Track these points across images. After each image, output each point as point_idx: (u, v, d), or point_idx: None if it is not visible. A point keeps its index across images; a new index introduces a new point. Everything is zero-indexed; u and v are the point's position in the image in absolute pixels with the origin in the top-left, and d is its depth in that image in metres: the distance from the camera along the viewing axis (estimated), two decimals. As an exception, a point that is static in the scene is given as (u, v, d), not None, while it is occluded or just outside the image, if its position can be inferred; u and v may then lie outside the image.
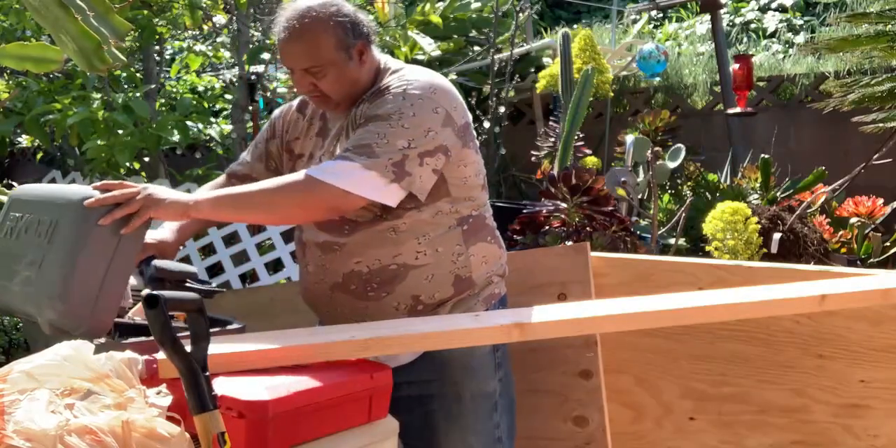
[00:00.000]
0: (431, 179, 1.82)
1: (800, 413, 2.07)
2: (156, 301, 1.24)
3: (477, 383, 1.90)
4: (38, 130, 5.16)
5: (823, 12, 7.35)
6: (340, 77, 1.86)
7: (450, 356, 1.84)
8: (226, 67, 7.22)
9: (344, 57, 1.85)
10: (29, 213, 1.69)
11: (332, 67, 1.85)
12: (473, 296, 1.92)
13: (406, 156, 1.76)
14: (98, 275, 1.58)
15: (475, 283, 1.92)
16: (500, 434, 1.93)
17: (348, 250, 1.88)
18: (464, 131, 1.87)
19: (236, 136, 5.35)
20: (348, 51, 1.86)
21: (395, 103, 1.80)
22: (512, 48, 6.12)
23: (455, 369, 1.88)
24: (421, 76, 1.87)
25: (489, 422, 1.91)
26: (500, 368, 1.95)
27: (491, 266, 1.96)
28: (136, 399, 1.24)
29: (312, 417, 1.42)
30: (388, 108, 1.79)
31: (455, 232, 1.89)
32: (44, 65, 1.60)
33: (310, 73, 1.85)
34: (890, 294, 1.74)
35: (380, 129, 1.77)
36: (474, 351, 1.87)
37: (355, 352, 1.53)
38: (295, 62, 1.86)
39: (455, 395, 1.89)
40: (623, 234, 3.60)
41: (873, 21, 4.26)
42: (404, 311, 1.87)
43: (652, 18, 8.38)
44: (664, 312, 1.66)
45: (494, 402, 1.93)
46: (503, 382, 1.95)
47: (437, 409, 1.87)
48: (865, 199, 4.23)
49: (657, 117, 5.14)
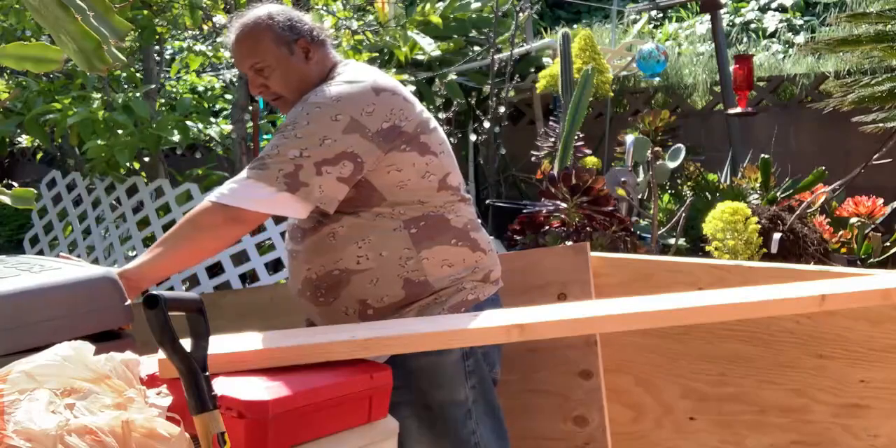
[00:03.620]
0: (338, 188, 1.78)
1: (800, 413, 2.07)
2: (156, 301, 1.24)
3: (445, 392, 1.86)
4: (38, 130, 5.16)
5: (823, 12, 7.36)
6: (287, 73, 1.93)
7: (416, 365, 1.80)
8: (226, 67, 7.22)
9: (286, 52, 1.93)
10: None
11: (277, 64, 1.93)
12: (439, 302, 1.86)
13: (299, 165, 1.75)
14: None
15: (433, 286, 1.86)
16: (478, 440, 1.89)
17: (302, 257, 1.92)
18: (386, 135, 1.81)
19: (236, 136, 5.35)
20: (289, 46, 1.94)
21: (293, 114, 1.84)
22: (512, 48, 6.12)
23: (421, 379, 1.84)
24: (340, 82, 1.86)
25: (464, 429, 1.87)
26: (473, 376, 1.89)
27: (457, 270, 1.88)
28: (136, 399, 1.24)
29: (312, 417, 1.42)
30: (287, 120, 1.84)
31: (400, 234, 1.84)
32: (44, 65, 1.60)
33: (257, 72, 1.94)
34: (890, 294, 1.74)
35: (275, 140, 1.80)
36: (441, 360, 1.83)
37: (355, 352, 1.53)
38: (241, 62, 1.96)
39: (423, 404, 1.85)
40: (623, 234, 3.61)
41: (873, 21, 4.27)
42: (354, 316, 1.87)
43: (652, 18, 8.38)
44: (664, 312, 1.66)
45: (468, 410, 1.88)
46: (477, 389, 1.90)
47: (408, 415, 1.82)
48: (865, 199, 4.23)
49: (657, 117, 5.14)
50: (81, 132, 4.72)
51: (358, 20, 6.46)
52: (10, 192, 1.95)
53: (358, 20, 6.46)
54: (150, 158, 5.36)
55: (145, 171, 5.48)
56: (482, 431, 1.91)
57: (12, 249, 6.32)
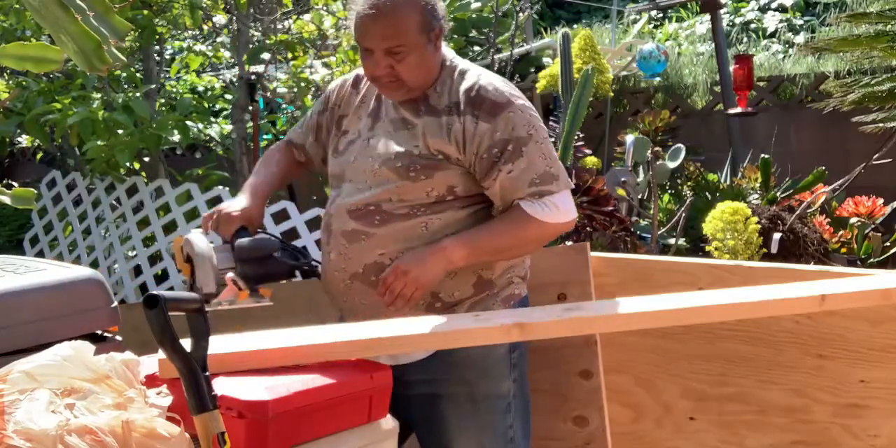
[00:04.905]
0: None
1: (800, 413, 2.07)
2: (155, 301, 1.24)
3: (491, 384, 1.89)
4: (38, 130, 5.16)
5: (823, 12, 7.35)
6: (420, 61, 1.80)
7: (465, 355, 1.82)
8: (226, 67, 7.22)
9: (424, 40, 1.80)
10: None
11: (414, 50, 1.78)
12: (492, 296, 1.91)
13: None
14: None
15: (495, 284, 1.91)
16: (513, 434, 1.92)
17: (375, 241, 1.85)
18: None
19: (236, 136, 5.35)
20: (429, 34, 1.81)
21: (521, 120, 1.83)
22: (512, 48, 6.12)
23: (469, 369, 1.87)
24: (501, 81, 1.89)
25: (502, 422, 1.91)
26: (516, 369, 1.94)
27: (514, 268, 1.95)
28: (136, 399, 1.24)
29: (312, 417, 1.43)
30: (525, 128, 1.83)
31: None
32: (44, 65, 1.59)
33: (391, 54, 1.77)
34: (890, 294, 1.74)
35: (539, 150, 1.84)
36: (490, 351, 1.86)
37: (356, 352, 1.53)
38: (378, 41, 1.77)
39: (468, 395, 1.87)
40: (623, 234, 3.61)
41: (873, 21, 4.27)
42: (421, 308, 1.85)
43: (652, 18, 8.37)
44: (664, 312, 1.66)
45: (508, 403, 1.92)
46: (518, 383, 1.94)
47: (449, 407, 1.86)
48: (865, 199, 4.23)
49: (657, 117, 5.14)
50: (81, 132, 4.72)
51: (358, 20, 6.44)
52: (10, 192, 1.94)
53: (358, 20, 6.44)
54: (150, 158, 5.36)
55: (145, 171, 5.47)
56: (517, 426, 1.94)
57: (12, 249, 6.31)
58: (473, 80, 1.85)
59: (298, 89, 5.35)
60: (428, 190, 1.83)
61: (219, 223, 1.88)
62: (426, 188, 1.83)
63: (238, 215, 1.87)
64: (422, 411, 1.88)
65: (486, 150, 1.81)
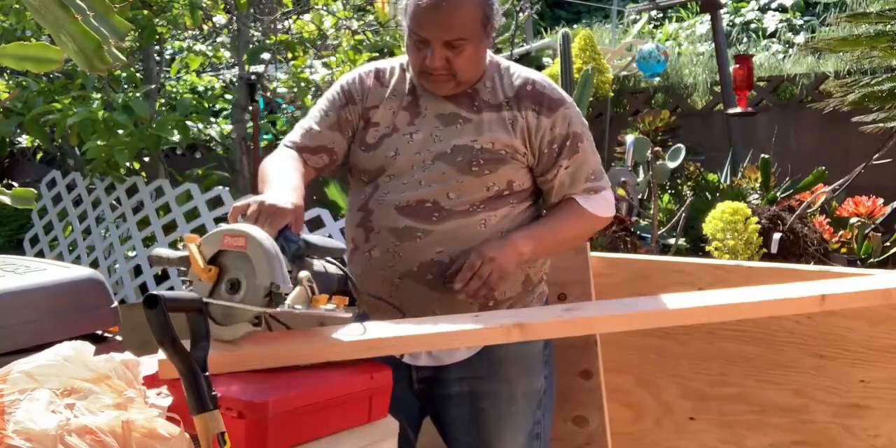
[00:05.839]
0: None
1: (800, 413, 2.07)
2: (155, 301, 1.24)
3: (528, 381, 1.90)
4: (38, 130, 5.16)
5: (823, 12, 7.36)
6: (475, 56, 1.77)
7: (506, 353, 1.82)
8: (226, 67, 7.22)
9: (482, 34, 1.76)
10: None
11: (472, 43, 1.74)
12: (530, 293, 1.92)
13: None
14: None
15: (534, 282, 1.93)
16: (539, 430, 1.93)
17: (432, 238, 1.79)
18: None
19: (236, 136, 5.35)
20: (486, 28, 1.76)
21: (575, 116, 1.87)
22: (512, 48, 6.12)
23: (510, 367, 1.86)
24: (557, 87, 1.93)
25: (531, 418, 1.91)
26: (547, 366, 1.95)
27: (545, 266, 1.98)
28: (136, 399, 1.24)
29: (312, 417, 1.42)
30: (579, 125, 1.87)
31: None
32: (44, 65, 1.59)
33: (450, 47, 1.72)
34: (890, 294, 1.73)
35: (591, 146, 1.90)
36: (529, 348, 1.86)
37: (357, 352, 1.53)
38: (440, 33, 1.71)
39: (508, 393, 1.87)
40: (623, 234, 3.61)
41: (873, 21, 4.27)
42: (474, 307, 1.82)
43: (652, 18, 8.38)
44: (664, 312, 1.66)
45: (539, 399, 1.92)
46: (548, 379, 1.95)
47: (488, 406, 1.85)
48: (865, 199, 4.24)
49: (657, 117, 5.15)
50: (81, 132, 4.72)
51: (358, 20, 6.46)
52: (10, 192, 1.94)
53: (358, 20, 6.46)
54: (149, 158, 5.37)
55: (145, 171, 5.48)
56: (544, 423, 1.94)
57: (12, 249, 6.31)
58: (525, 76, 1.86)
59: (298, 89, 5.36)
60: (489, 185, 1.81)
61: (266, 216, 1.55)
62: (487, 183, 1.80)
63: (291, 209, 1.57)
64: (459, 409, 1.87)
65: (546, 145, 1.83)
